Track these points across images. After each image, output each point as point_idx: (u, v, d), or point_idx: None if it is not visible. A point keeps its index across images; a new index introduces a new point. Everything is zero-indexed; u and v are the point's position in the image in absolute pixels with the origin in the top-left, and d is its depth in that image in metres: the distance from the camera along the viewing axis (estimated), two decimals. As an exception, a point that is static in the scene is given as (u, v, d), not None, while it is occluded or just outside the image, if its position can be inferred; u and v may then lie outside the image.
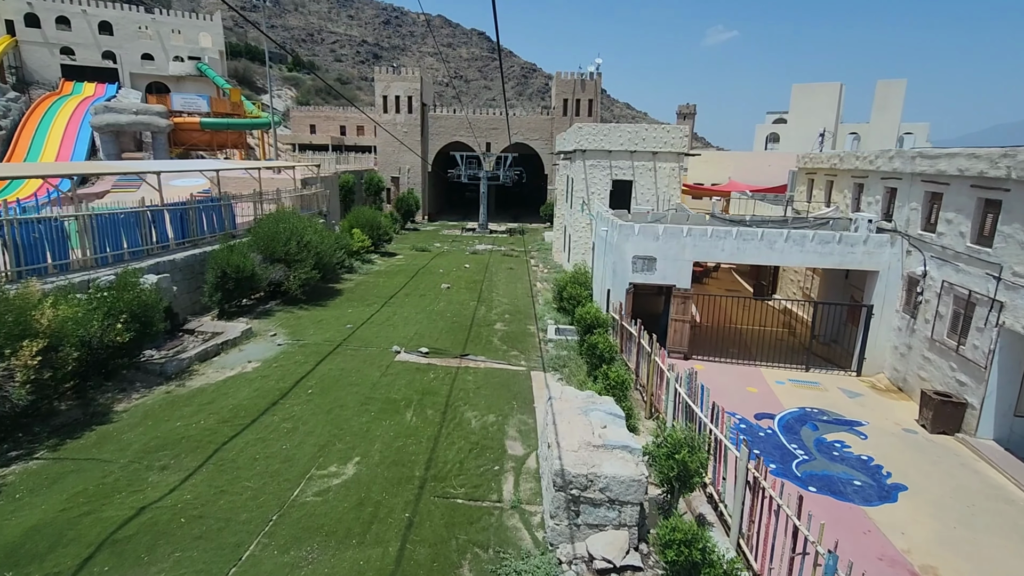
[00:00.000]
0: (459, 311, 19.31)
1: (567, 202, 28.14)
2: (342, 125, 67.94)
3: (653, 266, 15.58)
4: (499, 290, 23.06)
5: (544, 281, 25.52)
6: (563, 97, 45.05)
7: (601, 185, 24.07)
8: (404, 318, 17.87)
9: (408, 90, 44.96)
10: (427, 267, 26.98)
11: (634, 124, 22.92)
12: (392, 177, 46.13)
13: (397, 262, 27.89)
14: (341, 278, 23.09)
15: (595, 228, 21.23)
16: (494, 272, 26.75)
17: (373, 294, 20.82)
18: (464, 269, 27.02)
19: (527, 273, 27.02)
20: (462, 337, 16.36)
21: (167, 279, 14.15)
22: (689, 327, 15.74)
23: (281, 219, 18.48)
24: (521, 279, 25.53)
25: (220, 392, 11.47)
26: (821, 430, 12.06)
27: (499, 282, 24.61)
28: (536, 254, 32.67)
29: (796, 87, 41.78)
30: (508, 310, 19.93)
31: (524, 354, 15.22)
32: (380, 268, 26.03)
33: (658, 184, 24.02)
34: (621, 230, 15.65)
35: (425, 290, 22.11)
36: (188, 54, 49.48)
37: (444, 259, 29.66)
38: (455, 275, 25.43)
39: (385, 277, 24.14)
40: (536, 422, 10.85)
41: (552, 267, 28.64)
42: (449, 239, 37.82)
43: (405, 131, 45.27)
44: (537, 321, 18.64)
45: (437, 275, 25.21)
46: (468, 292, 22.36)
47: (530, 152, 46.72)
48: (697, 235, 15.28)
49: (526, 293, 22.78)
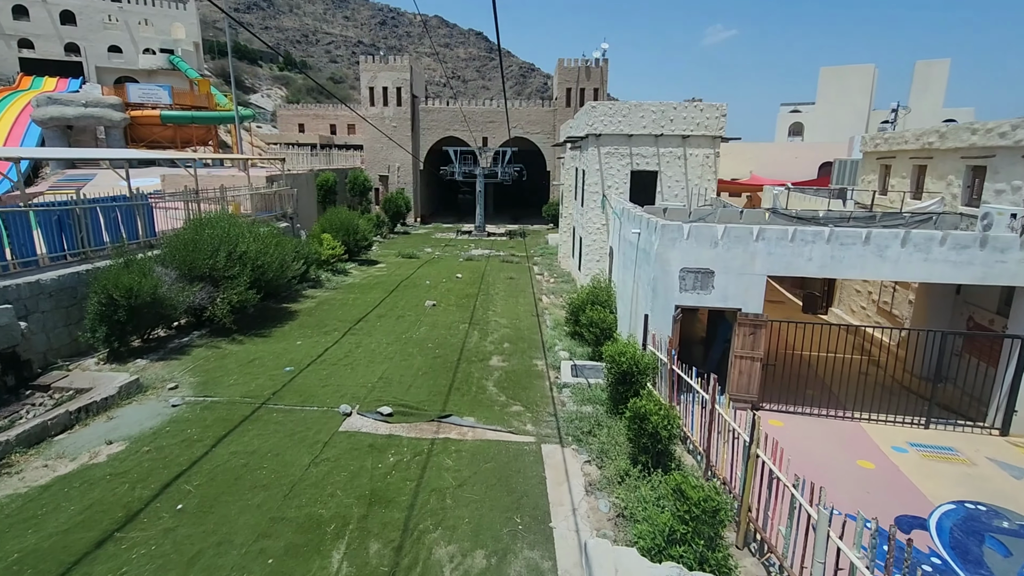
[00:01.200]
0: (445, 339, 14.60)
1: (576, 199, 23.43)
2: (332, 124, 63.35)
3: (710, 282, 10.87)
4: (497, 307, 18.35)
5: (551, 294, 20.81)
6: (566, 86, 40.33)
7: (619, 177, 19.35)
8: (370, 353, 13.16)
9: (397, 81, 40.25)
10: (412, 278, 22.27)
11: (660, 102, 18.05)
12: (380, 176, 41.40)
13: (377, 272, 23.17)
14: (301, 295, 18.37)
15: (617, 230, 16.50)
16: (491, 283, 22.04)
17: (336, 317, 16.10)
18: (456, 280, 22.31)
19: (530, 283, 22.31)
20: (445, 381, 11.64)
21: (7, 312, 9.44)
22: (761, 366, 11.02)
23: (208, 224, 13.77)
24: (523, 292, 20.81)
25: (17, 519, 6.71)
26: (1015, 551, 7.34)
27: (497, 296, 19.90)
28: (539, 260, 27.95)
29: (825, 71, 37.04)
30: (508, 336, 15.22)
31: (530, 409, 10.50)
32: (354, 281, 21.31)
33: (688, 174, 19.30)
34: (663, 233, 10.92)
35: (405, 309, 17.39)
36: (160, 46, 44.76)
37: (433, 267, 24.94)
38: (444, 288, 20.72)
39: (358, 292, 19.40)
40: (557, 569, 6.14)
41: (559, 276, 23.94)
42: (441, 243, 33.10)
43: (394, 125, 40.57)
44: (546, 353, 13.93)
45: (422, 288, 20.50)
46: (458, 311, 17.65)
47: (531, 148, 41.99)
48: (773, 239, 10.56)
49: (529, 311, 18.07)
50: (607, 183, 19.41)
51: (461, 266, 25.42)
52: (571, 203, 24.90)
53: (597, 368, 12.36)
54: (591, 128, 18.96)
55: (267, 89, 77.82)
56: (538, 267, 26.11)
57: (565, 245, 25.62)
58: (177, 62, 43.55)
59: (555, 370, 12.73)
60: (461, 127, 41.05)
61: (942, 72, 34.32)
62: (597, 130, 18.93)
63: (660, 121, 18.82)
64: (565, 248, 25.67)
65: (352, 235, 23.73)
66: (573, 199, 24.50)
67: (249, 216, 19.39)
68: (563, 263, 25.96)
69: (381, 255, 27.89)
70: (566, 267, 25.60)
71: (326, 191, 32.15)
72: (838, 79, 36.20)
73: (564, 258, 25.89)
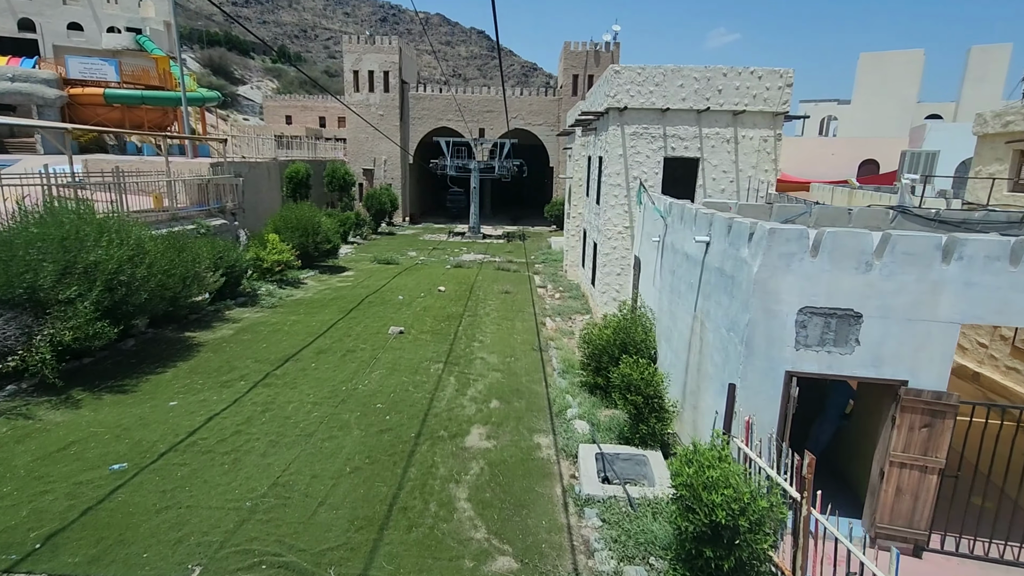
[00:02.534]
0: (404, 393, 9.67)
1: (588, 196, 18.52)
2: (321, 116, 58.43)
3: (851, 334, 5.96)
4: (486, 335, 13.43)
5: (557, 315, 15.88)
6: (572, 72, 35.39)
7: (648, 165, 14.43)
8: (279, 424, 8.23)
9: (384, 64, 35.30)
10: (382, 291, 17.32)
11: (705, 67, 12.98)
12: (364, 169, 36.43)
13: (340, 283, 18.21)
14: (220, 318, 13.37)
15: (656, 236, 11.59)
16: (482, 299, 17.11)
17: (254, 354, 11.15)
18: (437, 295, 17.38)
19: (530, 299, 17.38)
20: (387, 489, 6.73)
21: None
22: (938, 481, 6.12)
23: (42, 222, 8.81)
24: (521, 312, 15.88)
25: None
26: None
27: (487, 318, 14.97)
28: (541, 268, 23.01)
29: (865, 57, 32.09)
30: (498, 386, 10.29)
31: (530, 563, 5.61)
32: (305, 295, 16.34)
33: (740, 162, 14.39)
34: (771, 243, 6.00)
35: (359, 340, 12.47)
36: (126, 24, 39.81)
37: (413, 277, 20.00)
38: (421, 306, 15.79)
39: (303, 313, 14.45)
40: None
41: (565, 289, 19.00)
42: (429, 246, 28.14)
43: (380, 114, 35.62)
44: (554, 421, 9.01)
45: (392, 307, 15.55)
46: (433, 341, 12.73)
47: (533, 143, 37.06)
48: (979, 260, 5.67)
49: (529, 341, 13.15)
50: (632, 173, 14.49)
51: (447, 275, 20.48)
52: (581, 200, 19.97)
53: (640, 463, 7.42)
54: (613, 100, 14.03)
55: (257, 81, 72.89)
56: (540, 277, 21.17)
57: (573, 251, 20.70)
58: (143, 42, 38.57)
59: (570, 459, 7.80)
60: (455, 117, 36.11)
61: (1002, 58, 29.40)
62: (621, 102, 13.99)
63: (704, 91, 13.90)
64: (573, 255, 20.74)
65: (311, 236, 18.78)
66: (584, 196, 19.58)
67: (165, 212, 14.46)
68: (570, 273, 21.02)
69: (353, 260, 22.94)
70: (574, 278, 20.67)
71: (296, 184, 27.14)
72: (880, 67, 31.27)
73: (572, 267, 20.95)
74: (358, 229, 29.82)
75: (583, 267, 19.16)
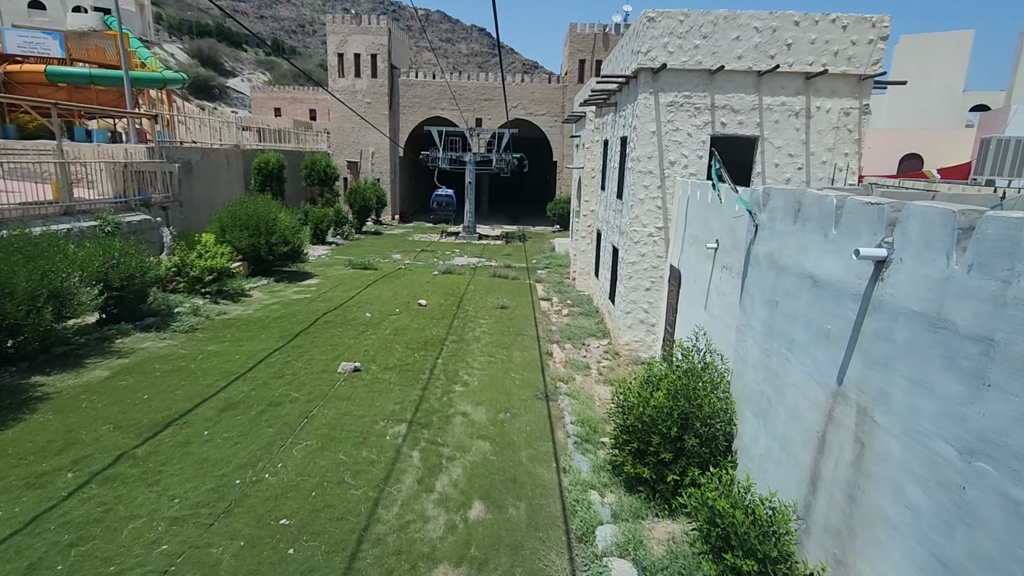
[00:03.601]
0: (336, 489, 5.95)
1: (604, 188, 14.80)
2: (312, 108, 54.68)
3: None
4: (473, 373, 9.72)
5: (568, 341, 12.13)
6: (579, 57, 31.62)
7: (689, 147, 10.71)
8: (90, 573, 4.59)
9: (372, 46, 31.54)
10: (347, 307, 13.60)
11: (769, 12, 9.05)
12: (349, 162, 32.67)
13: (296, 295, 14.48)
14: (109, 350, 9.63)
15: (746, 244, 7.87)
16: (472, 316, 13.39)
17: (120, 414, 7.39)
18: (416, 310, 13.66)
19: (531, 316, 13.67)
20: None
21: None
22: None
23: None
24: (520, 335, 12.15)
25: None
26: None
27: (476, 345, 11.25)
28: (544, 275, 19.28)
29: (906, 40, 28.32)
30: (484, 472, 6.56)
31: None
32: (243, 313, 12.57)
33: (812, 143, 10.67)
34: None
35: (294, 382, 8.75)
36: (93, 3, 35.99)
37: (391, 286, 16.29)
38: (391, 327, 12.06)
39: (230, 340, 10.66)
40: None
41: (575, 303, 15.29)
42: (417, 248, 24.43)
43: (368, 102, 31.86)
44: (572, 546, 5.30)
45: (353, 329, 11.82)
46: (400, 383, 9.03)
47: (535, 136, 33.30)
48: None
49: (531, 382, 9.43)
50: (668, 157, 10.76)
51: (433, 284, 16.77)
52: (594, 196, 16.26)
53: None
54: (646, 58, 10.29)
55: (249, 73, 69.14)
56: (543, 286, 17.46)
57: (583, 257, 16.96)
58: (112, 22, 34.72)
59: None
60: (450, 106, 32.34)
61: (1064, 40, 25.60)
62: (656, 60, 10.26)
63: (768, 47, 10.19)
64: (583, 261, 17.00)
65: (264, 237, 15.06)
66: (598, 190, 15.85)
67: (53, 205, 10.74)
68: (579, 282, 17.28)
69: (324, 264, 19.21)
70: (584, 288, 16.95)
71: (267, 177, 23.46)
72: (923, 50, 27.50)
73: (581, 275, 17.20)
74: (339, 228, 26.13)
75: (596, 277, 15.44)
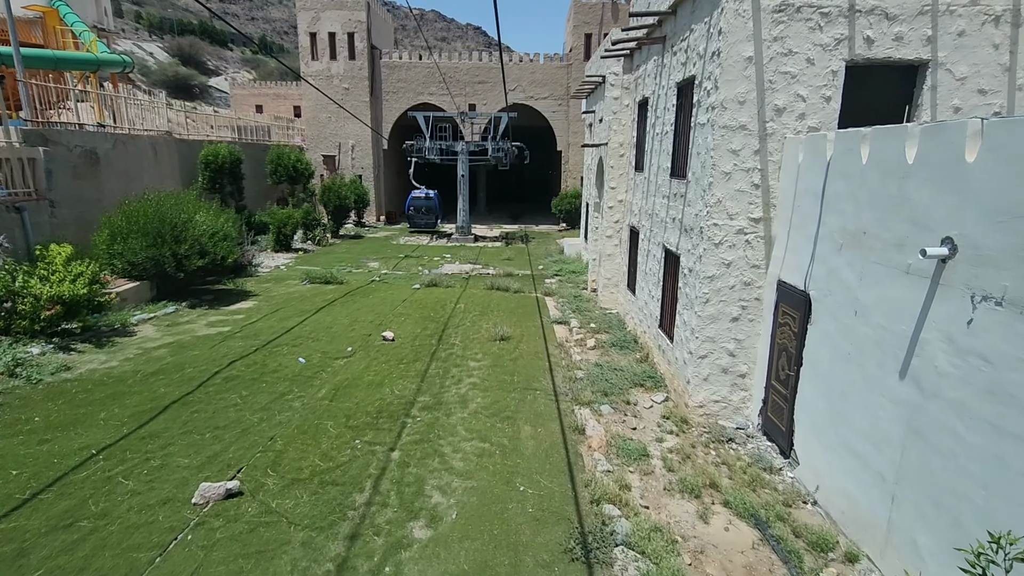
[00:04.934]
0: None
1: (646, 167, 10.35)
2: (296, 105, 50.04)
3: None
4: (449, 491, 5.22)
5: (605, 397, 7.61)
6: (584, 31, 27.12)
7: (809, 81, 6.23)
8: None
9: (349, 23, 27.07)
10: (275, 346, 9.16)
11: None
12: (325, 156, 28.22)
13: (207, 329, 10.02)
14: None
15: None
16: (457, 357, 8.93)
17: None
18: (377, 349, 9.22)
19: (543, 353, 9.21)
20: None
21: None
22: None
23: None
24: (531, 390, 7.66)
25: None
26: None
27: (459, 416, 6.77)
28: (555, 286, 14.81)
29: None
30: None
31: None
32: (100, 365, 8.09)
33: (1020, 69, 6.22)
34: None
35: (89, 541, 4.39)
36: (38, -13, 31.53)
37: (351, 309, 11.85)
38: (330, 385, 7.61)
39: (31, 429, 6.23)
40: None
41: (601, 326, 10.82)
42: (400, 253, 20.00)
43: (346, 87, 27.40)
44: None
45: (266, 392, 7.37)
46: (308, 523, 4.56)
47: (537, 124, 28.81)
48: None
49: (553, 507, 4.93)
50: (774, 102, 6.30)
51: (410, 304, 12.32)
52: (623, 179, 11.78)
53: None
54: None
55: (233, 72, 64.75)
56: (555, 301, 13.00)
57: (610, 263, 12.44)
58: (59, 6, 30.31)
59: None
60: (439, 91, 27.85)
61: None
62: (761, -73, 5.82)
63: (955, -100, 5.73)
64: (610, 269, 12.48)
65: (169, 246, 10.60)
66: (630, 170, 11.38)
67: None
68: (605, 296, 12.74)
69: (275, 278, 14.76)
70: (610, 304, 12.46)
71: (216, 173, 19.07)
72: None
73: (608, 287, 12.67)
74: (310, 231, 21.71)
75: (631, 292, 10.93)
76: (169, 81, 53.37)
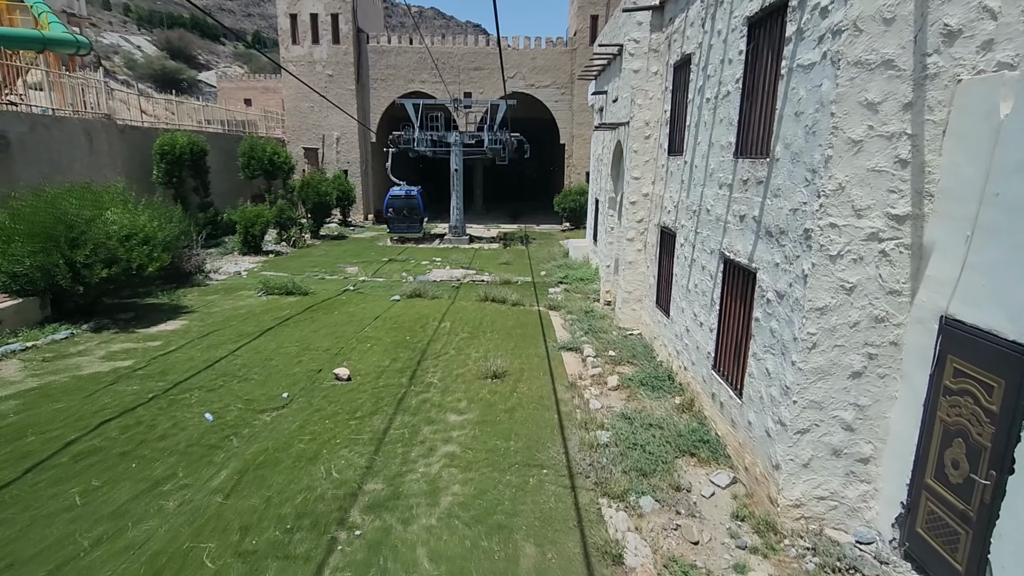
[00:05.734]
0: None
1: (684, 149, 7.77)
2: (286, 99, 47.73)
3: None
4: None
5: (642, 479, 4.89)
6: (590, 12, 24.54)
7: None
8: None
9: (333, 4, 24.48)
10: (181, 393, 6.64)
11: None
12: (306, 150, 25.65)
13: (102, 364, 7.47)
14: None
15: None
16: (433, 407, 6.37)
17: None
18: (323, 396, 6.67)
19: (550, 401, 6.66)
20: None
21: None
22: None
23: None
24: (536, 465, 5.04)
25: None
26: None
27: (423, 519, 4.16)
28: (561, 296, 12.20)
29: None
30: None
31: None
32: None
33: None
34: None
35: None
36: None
37: (304, 331, 9.29)
38: (239, 463, 5.00)
39: None
40: None
41: (622, 355, 8.27)
42: (383, 257, 17.44)
43: (329, 74, 24.83)
44: None
45: (127, 486, 4.81)
46: None
47: (538, 116, 26.19)
48: None
49: None
50: (942, 15, 3.71)
51: (384, 321, 9.76)
52: (651, 168, 9.24)
53: None
54: None
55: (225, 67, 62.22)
56: (562, 317, 10.43)
57: (632, 272, 9.87)
58: (24, -9, 27.66)
59: None
60: (432, 78, 25.27)
61: None
62: None
63: None
64: (632, 280, 9.89)
65: (67, 252, 8.02)
66: (662, 155, 8.81)
67: None
68: (624, 313, 10.14)
69: (227, 288, 12.18)
70: (631, 323, 9.88)
71: (173, 165, 16.53)
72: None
73: (629, 302, 10.08)
74: (284, 231, 19.16)
75: (667, 314, 8.31)
76: (156, 75, 50.75)
